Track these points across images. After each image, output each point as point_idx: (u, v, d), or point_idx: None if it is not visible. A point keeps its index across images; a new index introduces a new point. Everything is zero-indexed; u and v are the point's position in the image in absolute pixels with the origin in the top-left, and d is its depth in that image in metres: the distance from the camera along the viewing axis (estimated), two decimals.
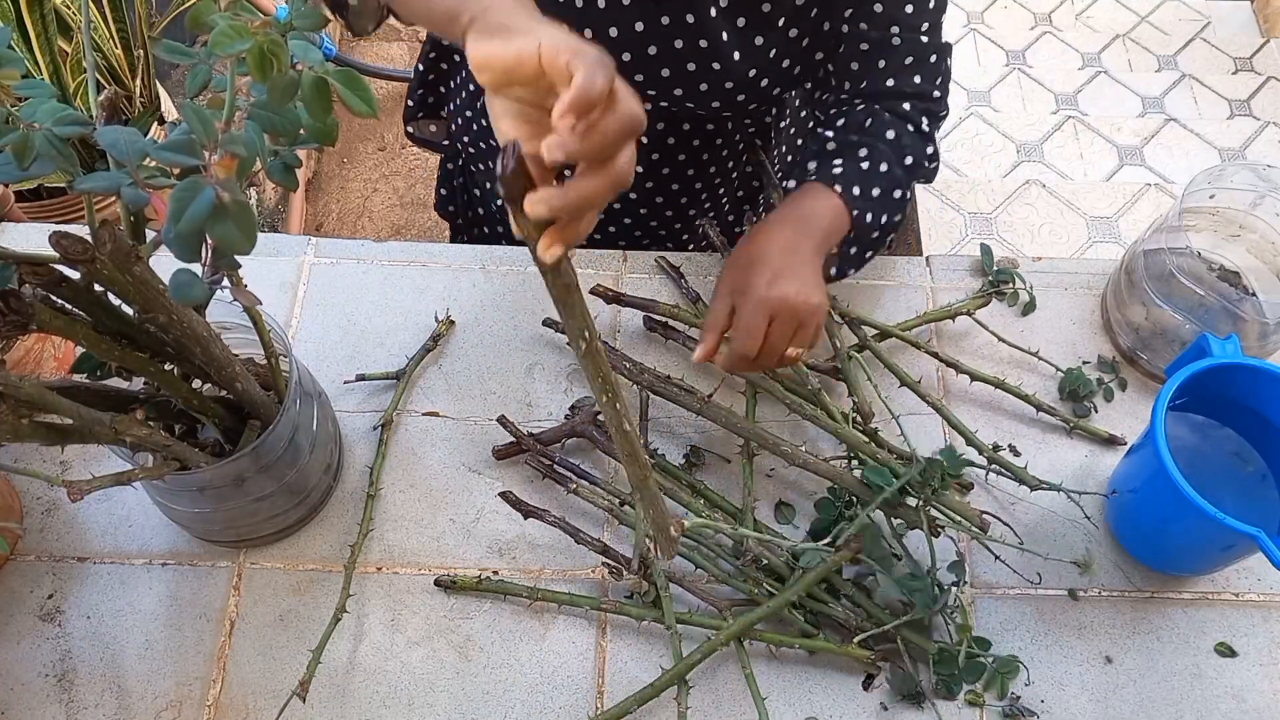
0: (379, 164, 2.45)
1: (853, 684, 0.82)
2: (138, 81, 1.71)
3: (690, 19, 0.86)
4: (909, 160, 0.91)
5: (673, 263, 1.02)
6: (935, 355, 0.96)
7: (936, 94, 0.93)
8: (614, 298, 0.97)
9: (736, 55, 0.89)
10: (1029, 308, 1.02)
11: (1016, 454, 0.93)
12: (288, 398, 0.75)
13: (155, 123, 1.71)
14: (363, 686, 0.81)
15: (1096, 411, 0.96)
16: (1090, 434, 0.94)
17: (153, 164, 0.52)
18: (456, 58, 1.13)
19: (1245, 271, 0.98)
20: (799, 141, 0.98)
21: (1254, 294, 0.96)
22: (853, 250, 0.89)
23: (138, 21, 1.68)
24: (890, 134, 0.90)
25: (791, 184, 0.90)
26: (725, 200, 1.14)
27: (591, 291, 0.97)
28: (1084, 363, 0.99)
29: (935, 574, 0.81)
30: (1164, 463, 0.77)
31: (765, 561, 0.83)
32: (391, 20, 0.98)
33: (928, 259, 1.06)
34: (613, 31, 0.88)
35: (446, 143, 1.20)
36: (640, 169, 1.04)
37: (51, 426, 0.64)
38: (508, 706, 0.80)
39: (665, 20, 0.87)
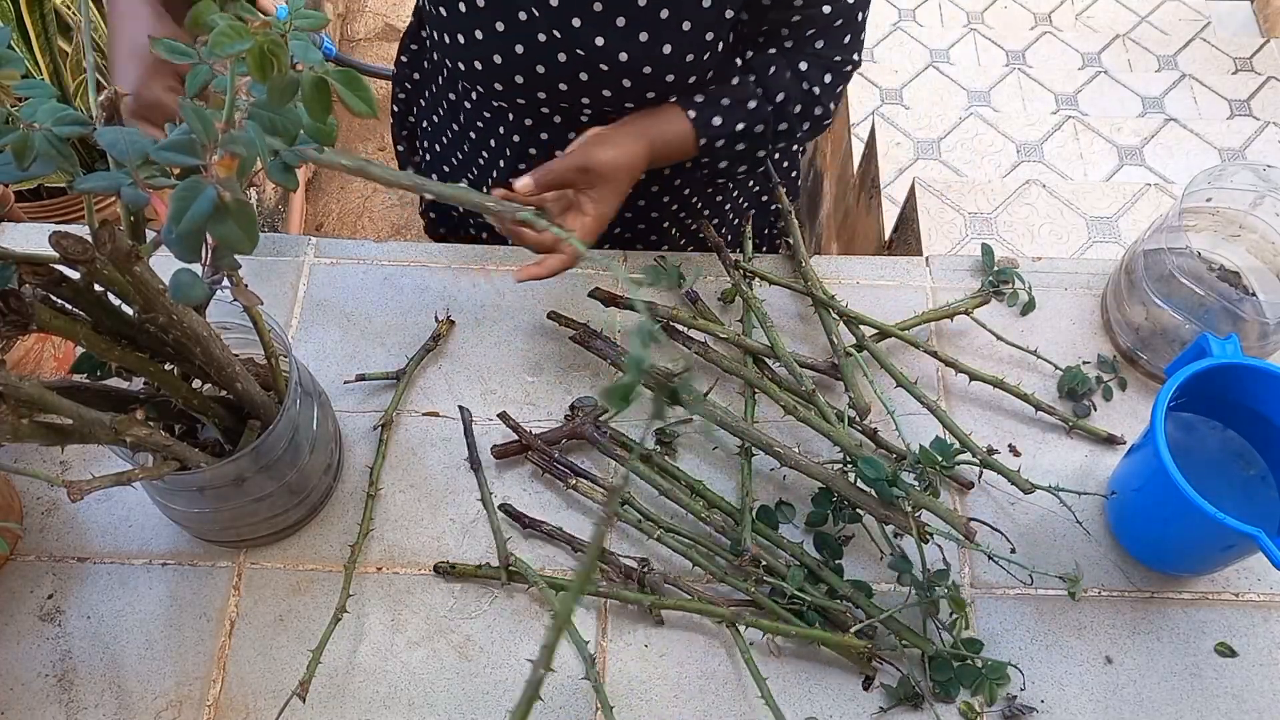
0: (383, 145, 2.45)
1: (853, 684, 0.82)
2: None
3: (558, 34, 0.88)
4: (782, 127, 0.94)
5: (672, 263, 1.02)
6: (935, 355, 0.96)
7: (856, 56, 0.96)
8: (611, 300, 0.97)
9: (624, 56, 0.89)
10: (1028, 307, 1.02)
11: (1017, 454, 0.93)
12: (288, 398, 0.75)
13: None
14: (363, 686, 0.81)
15: (1096, 410, 0.96)
16: (1090, 434, 0.94)
17: (153, 164, 0.52)
18: (423, 100, 1.14)
19: (1245, 271, 0.98)
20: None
21: (1254, 294, 0.96)
22: (703, 168, 0.96)
23: None
24: (780, 97, 0.93)
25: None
26: (694, 199, 1.13)
27: (590, 295, 0.97)
28: (1084, 362, 0.99)
29: (925, 577, 0.81)
30: (1164, 463, 0.77)
31: (764, 562, 0.83)
32: (389, 19, 0.98)
33: (927, 259, 1.06)
34: (497, 59, 0.91)
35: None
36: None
37: (51, 426, 0.64)
38: (508, 706, 0.80)
39: (541, 38, 0.89)
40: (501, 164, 1.06)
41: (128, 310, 0.65)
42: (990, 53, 2.48)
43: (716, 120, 0.91)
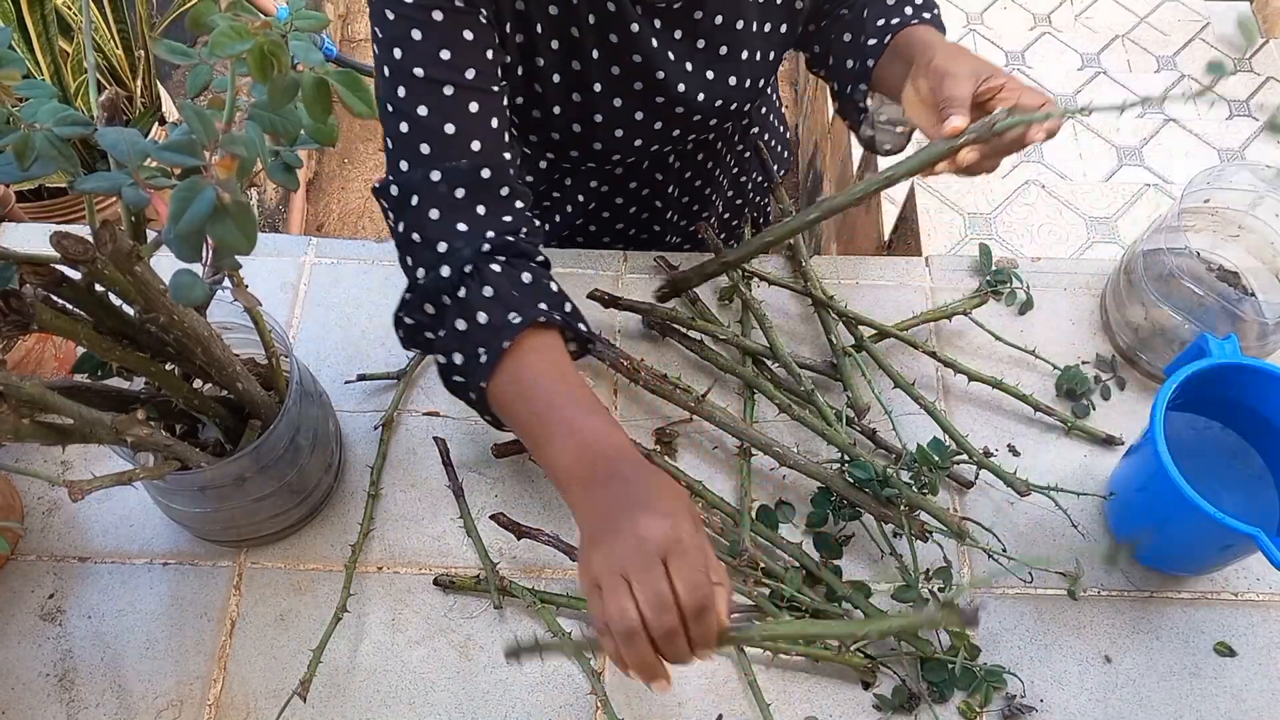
0: (380, 164, 2.45)
1: (852, 684, 0.82)
2: (138, 82, 1.71)
3: (682, 88, 0.88)
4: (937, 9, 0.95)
5: (671, 263, 1.02)
6: (934, 355, 0.96)
7: None
8: (610, 301, 0.97)
9: (681, 87, 0.89)
10: (1026, 307, 1.02)
11: (1016, 454, 0.93)
12: (288, 398, 0.75)
13: (156, 123, 1.71)
14: (363, 686, 0.81)
15: (1095, 410, 0.96)
16: (1088, 434, 0.94)
17: (153, 164, 0.52)
18: None
19: (1244, 271, 0.98)
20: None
21: (1253, 294, 0.96)
22: None
23: (138, 22, 1.68)
24: None
25: (894, 22, 0.90)
26: (717, 199, 1.14)
27: (589, 296, 0.97)
28: (1083, 362, 0.99)
29: (917, 578, 0.81)
30: (1163, 463, 0.77)
31: (762, 564, 0.83)
32: None
33: (927, 259, 1.06)
34: (618, 133, 0.90)
35: None
36: (634, 184, 1.05)
37: (52, 426, 0.64)
38: (508, 706, 0.80)
39: (659, 99, 0.88)
40: (569, 209, 1.06)
41: (129, 310, 0.65)
42: (990, 53, 2.48)
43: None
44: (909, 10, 0.92)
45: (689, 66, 0.88)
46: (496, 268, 0.73)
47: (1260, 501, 0.86)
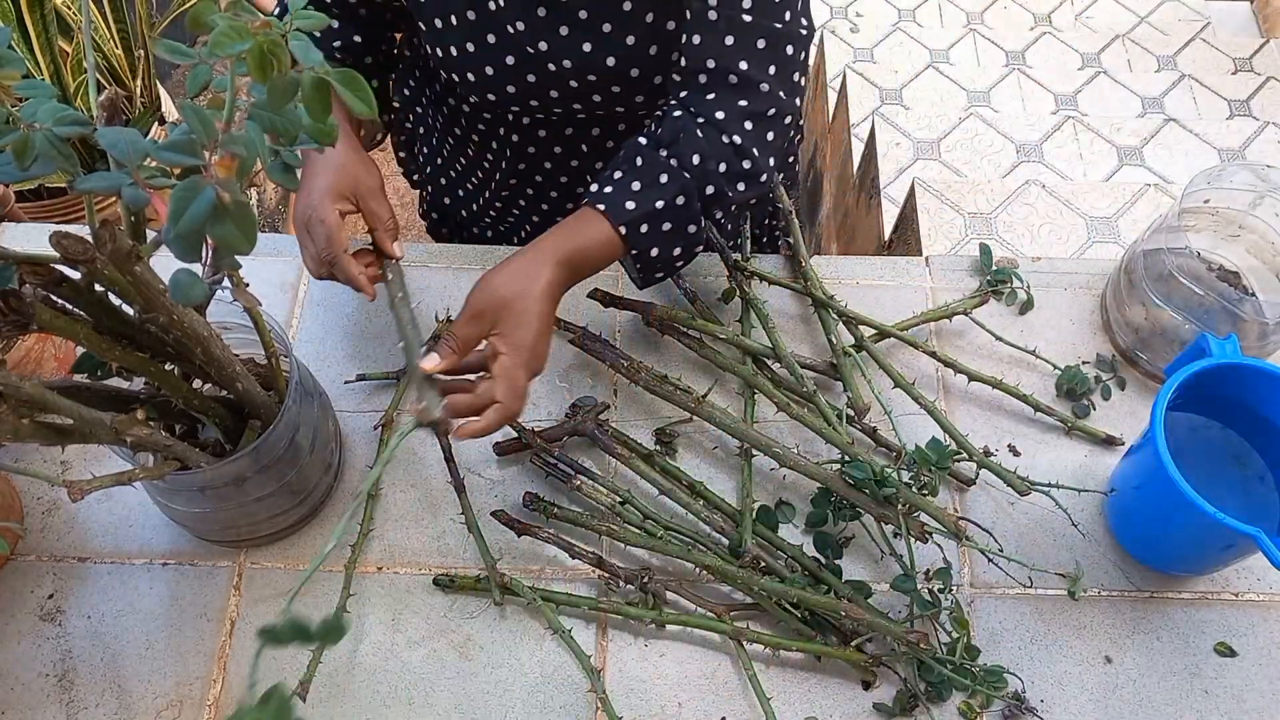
0: (379, 164, 2.44)
1: (853, 684, 0.82)
2: (138, 81, 1.71)
3: (545, 46, 0.89)
4: (710, 190, 0.83)
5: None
6: (934, 355, 0.96)
7: (764, 86, 0.83)
8: (610, 301, 0.97)
9: (611, 61, 0.89)
10: (1026, 306, 1.02)
11: (1016, 454, 0.93)
12: (288, 397, 0.75)
13: (156, 123, 1.71)
14: (363, 686, 0.81)
15: (1095, 410, 0.96)
16: (1088, 434, 0.94)
17: (153, 164, 0.52)
18: (418, 108, 1.14)
19: (1244, 271, 0.98)
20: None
21: (1253, 294, 0.96)
22: (639, 270, 0.85)
23: (138, 21, 1.68)
24: (695, 158, 0.82)
25: (581, 190, 0.87)
26: None
27: (589, 296, 0.97)
28: (1083, 362, 0.99)
29: (916, 576, 0.81)
30: (1164, 463, 0.77)
31: (764, 563, 0.83)
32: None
33: (927, 259, 1.06)
34: (489, 70, 0.92)
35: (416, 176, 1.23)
36: (565, 178, 1.05)
37: (52, 426, 0.64)
38: (508, 706, 0.80)
39: (530, 50, 0.90)
40: (504, 165, 1.06)
41: (128, 310, 0.65)
42: (990, 53, 2.48)
43: (630, 205, 0.80)
44: (631, 185, 0.81)
45: (564, 31, 0.88)
46: None
47: (1260, 501, 0.86)
